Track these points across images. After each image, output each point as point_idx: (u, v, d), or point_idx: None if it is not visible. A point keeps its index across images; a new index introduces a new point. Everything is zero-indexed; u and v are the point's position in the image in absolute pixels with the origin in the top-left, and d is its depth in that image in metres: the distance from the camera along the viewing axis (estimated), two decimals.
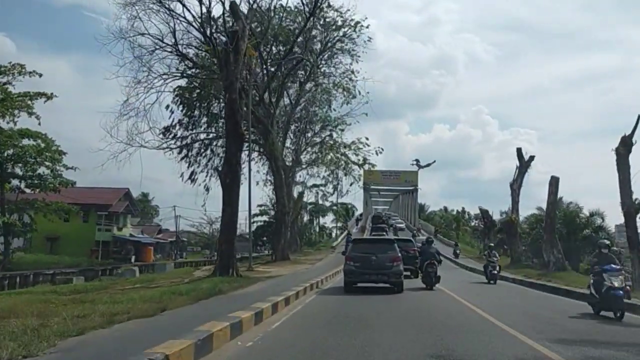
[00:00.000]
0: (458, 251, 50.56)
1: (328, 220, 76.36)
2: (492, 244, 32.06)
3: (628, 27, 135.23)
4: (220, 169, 21.34)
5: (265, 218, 59.68)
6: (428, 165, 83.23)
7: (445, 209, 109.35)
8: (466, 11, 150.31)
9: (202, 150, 39.62)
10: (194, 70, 32.65)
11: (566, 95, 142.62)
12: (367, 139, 49.59)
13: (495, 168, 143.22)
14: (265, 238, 60.80)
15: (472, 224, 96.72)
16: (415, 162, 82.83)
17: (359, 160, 51.63)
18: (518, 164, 38.27)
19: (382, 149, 49.16)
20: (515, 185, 38.10)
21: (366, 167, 74.10)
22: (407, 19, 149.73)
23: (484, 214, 49.78)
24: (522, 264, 35.01)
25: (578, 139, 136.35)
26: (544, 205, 32.87)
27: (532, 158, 38.40)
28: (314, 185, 55.56)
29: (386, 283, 15.50)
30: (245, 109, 19.06)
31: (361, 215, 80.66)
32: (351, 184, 50.85)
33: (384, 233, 52.89)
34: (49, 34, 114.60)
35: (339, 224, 75.93)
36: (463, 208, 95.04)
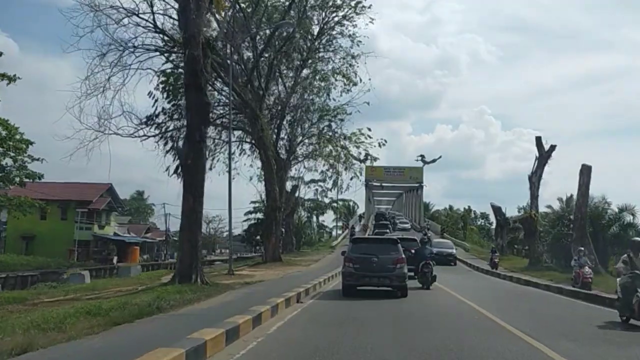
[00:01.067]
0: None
1: (329, 219, 72.41)
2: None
3: (632, 28, 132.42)
4: (180, 146, 17.34)
5: (260, 215, 55.65)
6: (434, 161, 79.16)
7: (451, 207, 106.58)
8: (469, 11, 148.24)
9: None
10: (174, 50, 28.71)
11: (569, 96, 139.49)
12: (369, 129, 45.55)
13: (498, 168, 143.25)
14: (259, 237, 56.91)
15: (479, 222, 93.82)
16: (420, 158, 78.71)
17: (359, 154, 47.69)
18: (537, 154, 34.28)
19: (386, 141, 44.79)
20: (535, 178, 34.10)
21: (368, 162, 71.78)
22: (410, 19, 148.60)
23: (497, 211, 45.81)
24: (542, 265, 30.99)
25: (581, 139, 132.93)
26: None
27: (553, 148, 34.39)
28: (312, 181, 51.65)
29: (388, 287, 14.44)
30: (216, 73, 14.97)
31: (363, 214, 76.57)
32: (351, 178, 46.82)
33: (387, 231, 49.21)
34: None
35: (339, 223, 71.99)
36: (469, 206, 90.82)
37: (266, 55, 32.79)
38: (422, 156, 78.57)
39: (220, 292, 13.24)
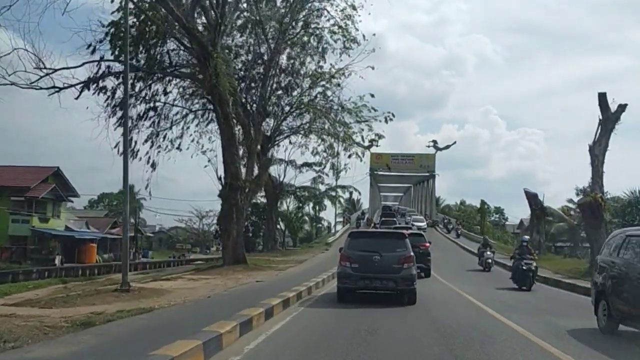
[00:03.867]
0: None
1: (331, 214, 62.99)
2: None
3: (636, 30, 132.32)
4: None
5: None
6: (447, 147, 69.65)
7: (462, 202, 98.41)
8: (475, 12, 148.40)
9: (147, 109, 26.82)
10: None
11: (574, 97, 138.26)
12: (372, 96, 36.37)
13: (503, 168, 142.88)
14: None
15: (492, 218, 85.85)
16: (432, 144, 69.23)
17: (362, 137, 38.62)
18: (600, 117, 25.04)
19: (393, 115, 35.12)
20: (598, 149, 24.76)
21: (373, 148, 62.45)
22: (417, 19, 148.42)
23: (532, 199, 36.43)
24: None
25: (586, 140, 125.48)
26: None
27: (622, 108, 25.14)
28: (306, 165, 42.58)
29: (393, 291, 12.12)
30: None
31: (367, 209, 67.11)
32: (349, 156, 37.72)
33: (394, 219, 41.24)
34: None
35: (339, 219, 62.80)
36: (483, 200, 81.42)
37: None
38: (435, 142, 69.22)
39: None
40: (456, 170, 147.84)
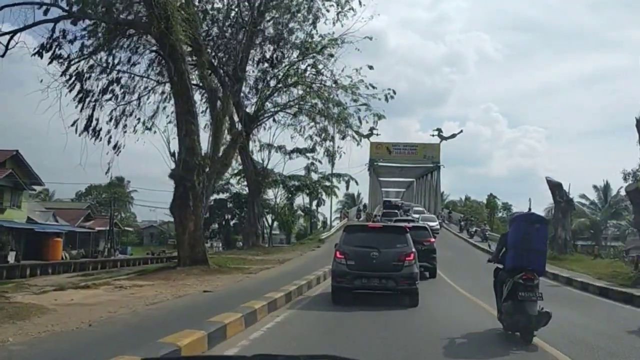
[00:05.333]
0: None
1: (328, 208, 58.07)
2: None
3: (637, 28, 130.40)
4: None
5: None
6: (453, 136, 64.47)
7: (467, 198, 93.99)
8: (476, 9, 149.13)
9: (108, 83, 22.02)
10: None
11: (575, 95, 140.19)
12: (370, 67, 31.50)
13: (504, 165, 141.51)
14: (216, 225, 43.39)
15: (499, 215, 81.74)
16: (436, 132, 63.98)
17: (358, 115, 33.73)
18: None
19: (395, 92, 29.93)
20: None
21: (372, 137, 57.47)
22: (417, 16, 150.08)
23: (556, 189, 31.58)
24: None
25: (586, 137, 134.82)
26: None
27: None
28: (296, 151, 37.73)
29: (393, 291, 11.29)
30: None
31: (365, 205, 62.01)
32: (343, 137, 32.90)
33: (397, 211, 37.18)
34: None
35: (335, 212, 57.96)
36: (492, 194, 76.63)
37: None
38: (439, 130, 63.98)
39: None
40: (457, 167, 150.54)
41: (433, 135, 64.12)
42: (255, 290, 12.25)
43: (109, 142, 20.66)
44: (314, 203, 55.25)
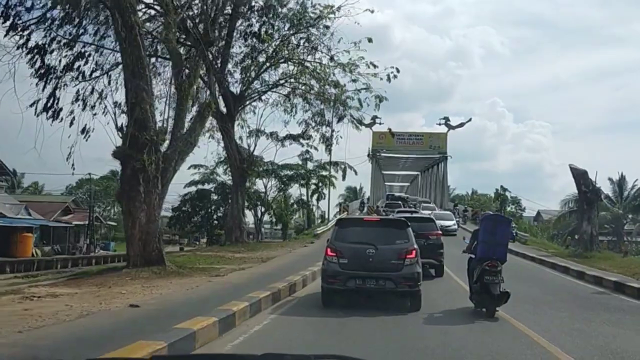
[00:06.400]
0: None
1: (333, 203, 54.42)
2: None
3: None
4: None
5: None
6: (462, 124, 60.46)
7: (474, 191, 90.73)
8: (481, 4, 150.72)
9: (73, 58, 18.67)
10: None
11: (581, 90, 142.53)
12: (370, 40, 27.84)
13: (510, 160, 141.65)
14: (198, 218, 39.69)
15: (508, 209, 78.54)
16: (444, 121, 60.01)
17: (357, 97, 30.13)
18: None
19: (398, 70, 25.95)
20: None
21: (375, 127, 53.76)
22: (422, 10, 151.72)
23: (581, 179, 27.95)
24: None
25: (592, 133, 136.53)
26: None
27: None
28: (290, 137, 34.19)
29: (392, 293, 10.03)
30: None
31: (367, 199, 58.33)
32: (339, 120, 29.40)
33: (400, 203, 34.36)
34: None
35: (337, 204, 54.36)
36: (502, 186, 73.03)
37: None
38: (447, 119, 59.96)
39: None
40: (462, 163, 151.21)
41: (440, 124, 60.23)
42: (208, 300, 9.19)
43: (71, 124, 17.47)
44: (315, 197, 51.89)
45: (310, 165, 41.33)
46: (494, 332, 8.30)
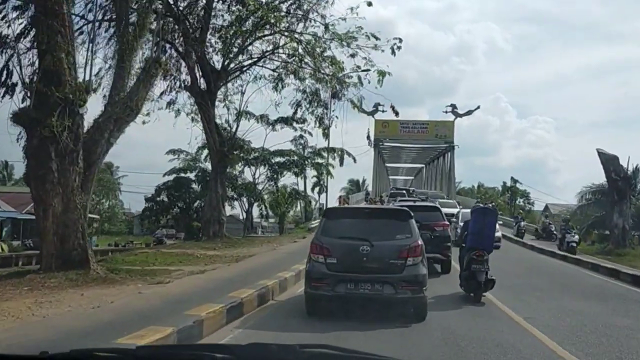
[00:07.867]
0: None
1: (331, 196, 50.98)
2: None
3: None
4: None
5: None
6: (469, 112, 56.58)
7: (481, 185, 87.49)
8: (485, 0, 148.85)
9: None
10: None
11: (583, 86, 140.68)
12: (369, 4, 24.25)
13: (513, 156, 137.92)
14: (177, 209, 36.22)
15: (517, 202, 75.46)
16: (450, 108, 56.18)
17: (357, 74, 26.50)
18: None
19: (401, 40, 22.16)
20: None
21: (377, 115, 50.13)
22: (426, 5, 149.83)
23: (610, 165, 24.41)
24: None
25: (594, 129, 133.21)
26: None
27: None
28: (281, 121, 30.66)
29: (390, 300, 8.26)
30: None
31: (369, 193, 54.70)
32: (334, 95, 25.82)
33: (404, 192, 31.82)
34: None
35: (339, 197, 50.69)
36: (513, 177, 69.56)
37: None
38: (453, 106, 56.06)
39: None
40: (466, 158, 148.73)
41: (446, 112, 56.41)
42: (96, 332, 5.62)
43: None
44: (316, 190, 48.47)
45: (305, 153, 37.85)
46: None
